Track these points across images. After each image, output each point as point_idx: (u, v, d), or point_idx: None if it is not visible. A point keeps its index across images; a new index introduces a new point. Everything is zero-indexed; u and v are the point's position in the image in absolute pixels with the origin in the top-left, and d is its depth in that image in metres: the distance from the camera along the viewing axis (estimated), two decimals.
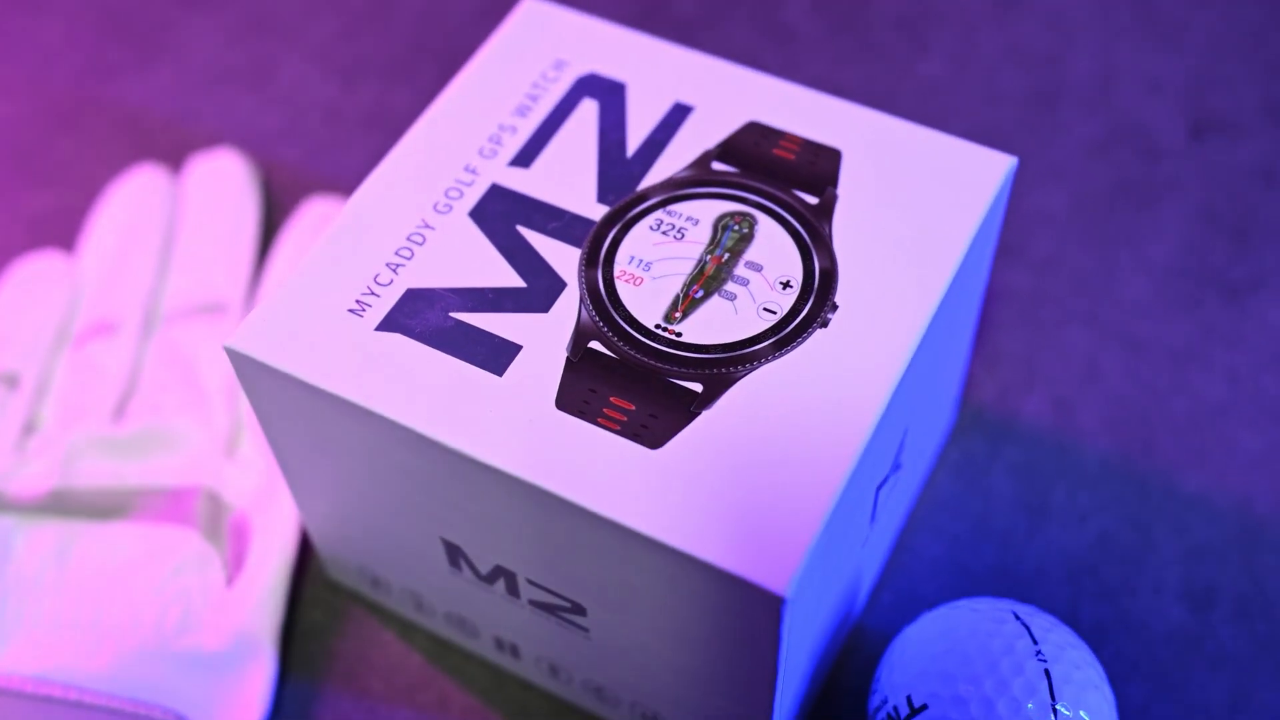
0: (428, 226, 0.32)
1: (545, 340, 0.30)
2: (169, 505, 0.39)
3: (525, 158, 0.33)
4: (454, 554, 0.33)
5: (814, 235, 0.31)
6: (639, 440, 0.28)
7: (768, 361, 0.29)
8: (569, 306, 0.30)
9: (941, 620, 0.32)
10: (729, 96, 0.34)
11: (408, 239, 0.32)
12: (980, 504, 0.39)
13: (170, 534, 0.38)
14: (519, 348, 0.30)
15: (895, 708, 0.32)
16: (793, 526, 0.27)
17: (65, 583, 0.37)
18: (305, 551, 0.39)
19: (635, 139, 0.33)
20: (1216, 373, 0.42)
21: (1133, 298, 0.44)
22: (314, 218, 0.45)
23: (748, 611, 0.27)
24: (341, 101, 0.50)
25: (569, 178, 0.33)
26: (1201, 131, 0.48)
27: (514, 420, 0.29)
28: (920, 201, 0.32)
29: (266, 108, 0.50)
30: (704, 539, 0.27)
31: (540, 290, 0.31)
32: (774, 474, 0.28)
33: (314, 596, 0.38)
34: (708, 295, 0.30)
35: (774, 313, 0.30)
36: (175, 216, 0.45)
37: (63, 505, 0.39)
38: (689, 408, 0.29)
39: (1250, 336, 0.43)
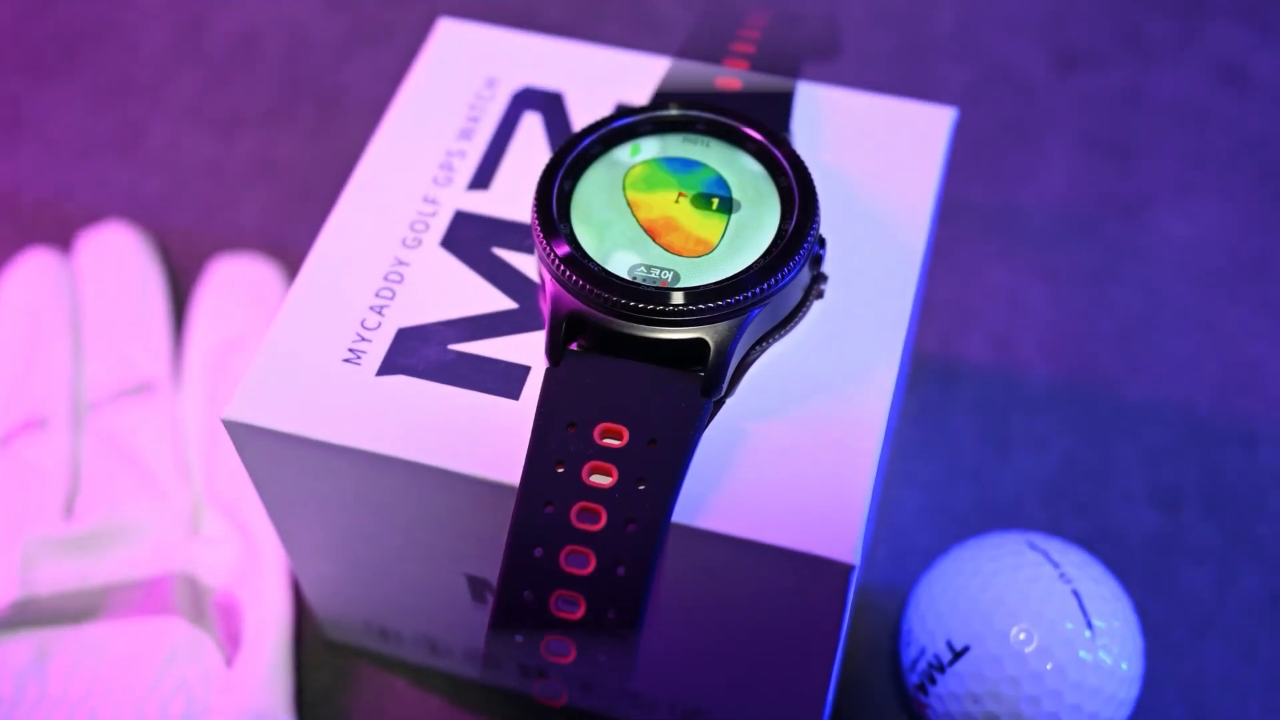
0: (402, 264, 0.31)
1: None
2: (144, 597, 0.37)
3: (482, 179, 0.33)
4: (479, 588, 0.32)
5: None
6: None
7: (775, 341, 0.30)
8: None
9: (961, 562, 0.33)
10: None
11: (385, 279, 0.31)
12: (947, 447, 0.41)
13: (152, 625, 0.36)
14: (528, 368, 0.29)
15: (936, 655, 0.33)
16: (843, 495, 0.27)
17: (48, 698, 0.35)
18: (298, 618, 0.38)
19: None
20: (1132, 286, 0.44)
21: (1039, 229, 0.46)
22: (225, 278, 0.43)
23: (812, 586, 0.28)
24: (222, 156, 0.48)
25: (531, 192, 0.32)
26: (1067, 64, 0.50)
27: None
28: (877, 164, 0.33)
29: (144, 173, 0.48)
30: (762, 523, 0.27)
31: (532, 307, 0.30)
32: (809, 448, 0.28)
33: (315, 660, 0.37)
34: None
35: None
36: (77, 299, 0.43)
37: (29, 617, 0.36)
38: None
39: (1153, 248, 0.45)
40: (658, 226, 0.29)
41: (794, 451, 0.28)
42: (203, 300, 0.43)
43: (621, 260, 0.29)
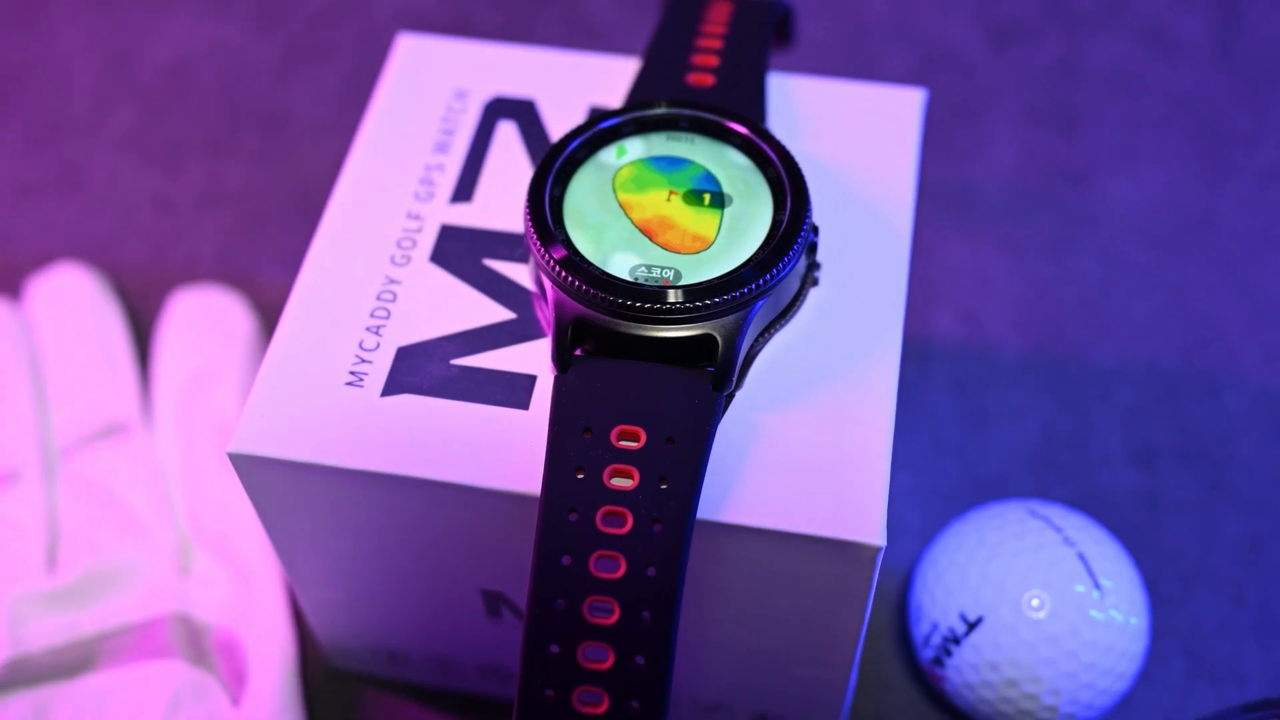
0: (393, 282, 0.31)
1: None
2: (140, 642, 0.36)
3: (464, 192, 0.32)
4: (494, 602, 0.32)
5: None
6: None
7: (777, 330, 0.30)
8: None
9: (964, 535, 0.34)
10: None
11: (378, 299, 0.31)
12: (928, 426, 0.41)
13: (152, 670, 0.35)
14: (534, 377, 0.29)
15: (950, 629, 0.33)
16: (863, 477, 0.28)
17: None
18: (300, 648, 0.37)
19: None
20: (1089, 253, 0.45)
21: (994, 204, 0.46)
22: (187, 312, 0.43)
23: (839, 571, 0.28)
24: (168, 188, 0.47)
25: (516, 202, 0.32)
26: (1001, 40, 0.51)
27: None
28: (855, 150, 0.33)
29: (90, 212, 0.47)
30: (786, 512, 0.27)
31: (530, 316, 0.30)
32: (823, 433, 0.28)
33: (320, 690, 0.37)
34: None
35: None
36: (34, 345, 0.42)
37: (23, 676, 0.35)
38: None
39: (1103, 215, 0.46)
40: (653, 226, 0.29)
41: (809, 438, 0.28)
42: (166, 336, 0.42)
43: (621, 262, 0.29)
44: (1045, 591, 0.32)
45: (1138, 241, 0.45)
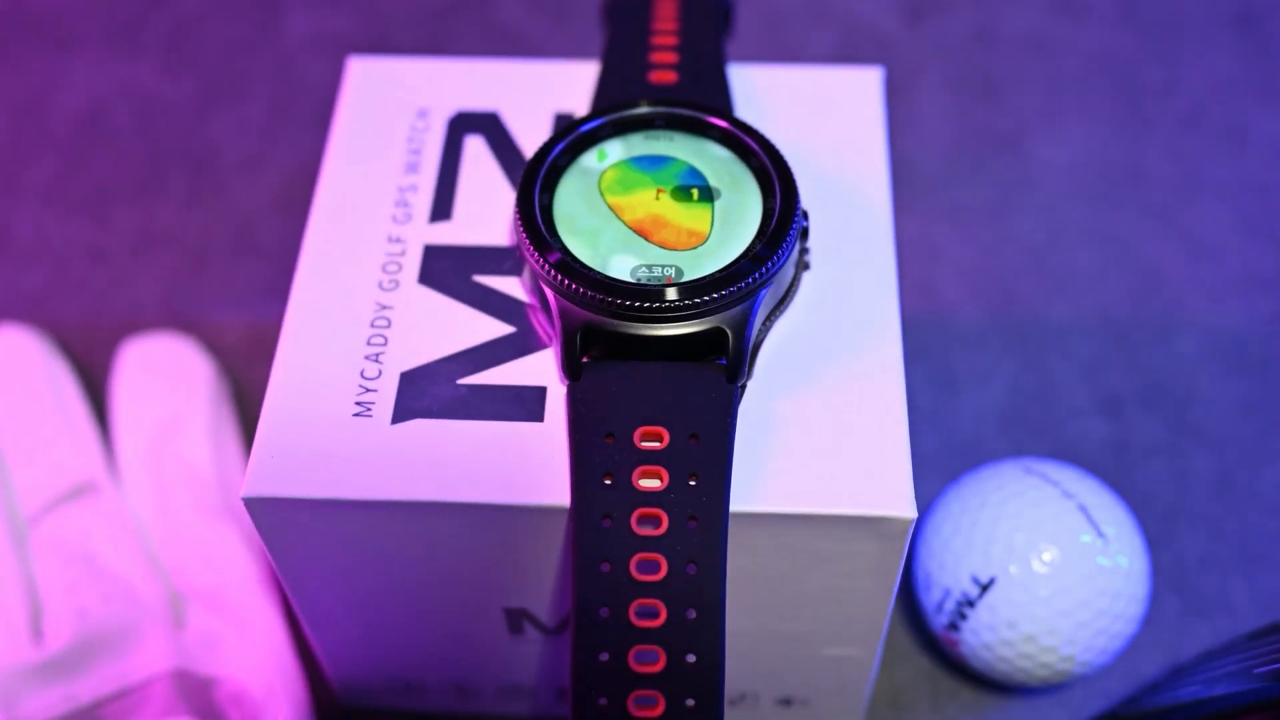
0: (385, 308, 0.30)
1: None
2: (141, 703, 0.35)
3: (443, 210, 0.32)
4: (516, 620, 0.31)
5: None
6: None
7: (778, 317, 0.30)
8: None
9: (964, 499, 0.35)
10: None
11: (372, 326, 0.30)
12: None
13: None
14: (543, 389, 0.29)
15: (963, 593, 0.34)
16: (885, 451, 0.28)
17: None
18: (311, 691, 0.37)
19: None
20: (1029, 214, 0.46)
21: (932, 175, 0.47)
22: (139, 361, 0.41)
23: (870, 548, 0.28)
24: (99, 237, 0.46)
25: (496, 215, 0.32)
26: (916, 14, 0.52)
27: None
28: (824, 133, 0.33)
29: (21, 269, 0.45)
30: (815, 495, 0.28)
31: (529, 329, 0.30)
32: (839, 413, 0.29)
33: None
34: None
35: None
36: None
37: None
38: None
39: (1035, 173, 0.47)
40: (646, 226, 0.29)
41: (826, 420, 0.29)
42: (122, 388, 0.41)
43: (621, 264, 0.29)
44: (1053, 545, 0.33)
45: (1073, 198, 0.47)
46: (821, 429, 0.28)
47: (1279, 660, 0.30)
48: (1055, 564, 0.33)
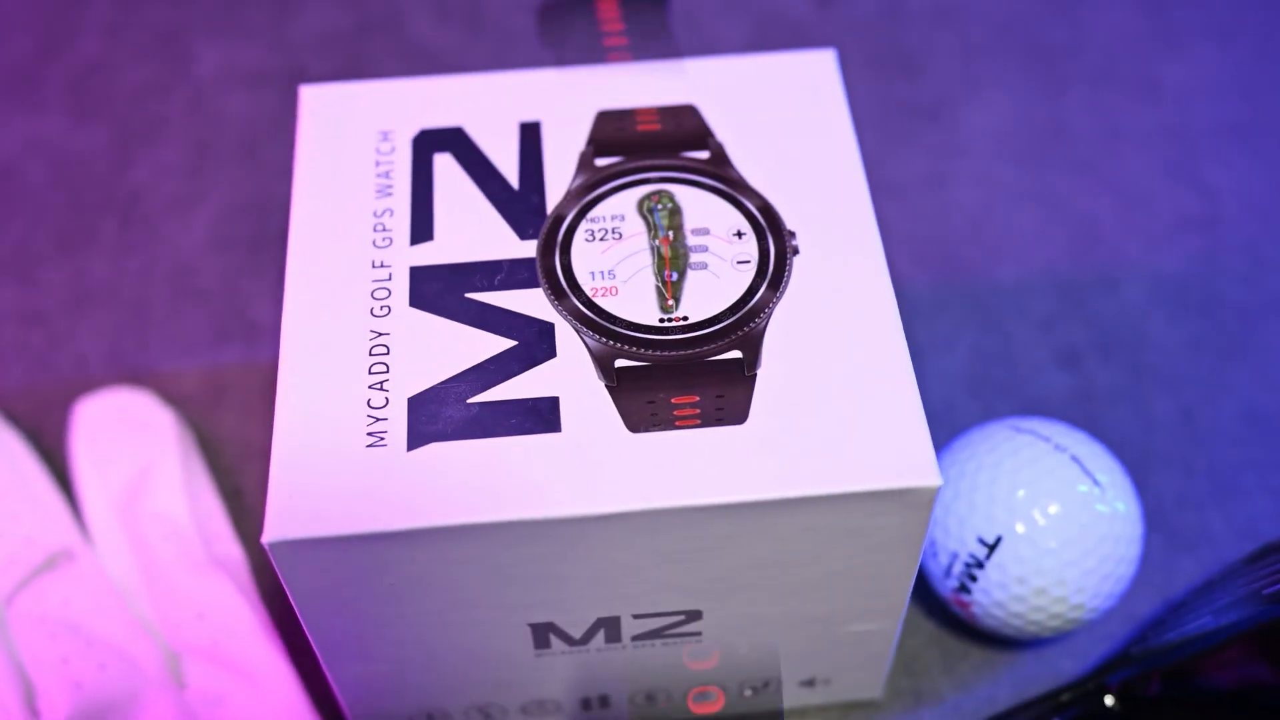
0: (381, 334, 0.30)
1: (574, 380, 0.29)
2: None
3: (423, 232, 0.32)
4: (542, 635, 0.31)
5: (729, 182, 0.32)
6: (724, 422, 0.28)
7: (776, 303, 0.30)
8: (570, 342, 0.30)
9: (960, 464, 0.35)
10: (560, 99, 0.34)
11: (371, 354, 0.30)
12: None
13: None
14: (556, 399, 0.29)
15: (971, 555, 0.34)
16: (902, 423, 0.28)
17: None
18: None
19: (510, 170, 0.33)
20: (962, 181, 0.47)
21: (866, 152, 0.48)
22: (94, 419, 0.40)
23: (897, 519, 0.29)
24: (33, 298, 0.44)
25: (479, 231, 0.32)
26: None
27: (606, 462, 0.28)
28: (790, 118, 0.34)
29: None
30: (842, 474, 0.28)
31: (533, 340, 0.30)
32: (851, 391, 0.29)
33: None
34: (682, 274, 0.31)
35: (748, 261, 0.31)
36: None
37: None
38: (744, 373, 0.29)
39: (964, 141, 0.48)
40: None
41: (839, 400, 0.29)
42: (81, 449, 0.39)
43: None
44: (1054, 498, 0.33)
45: (1003, 161, 0.48)
46: (836, 409, 0.29)
47: None
48: (1058, 516, 0.33)
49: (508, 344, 0.30)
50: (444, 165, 0.33)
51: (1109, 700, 0.33)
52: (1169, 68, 0.50)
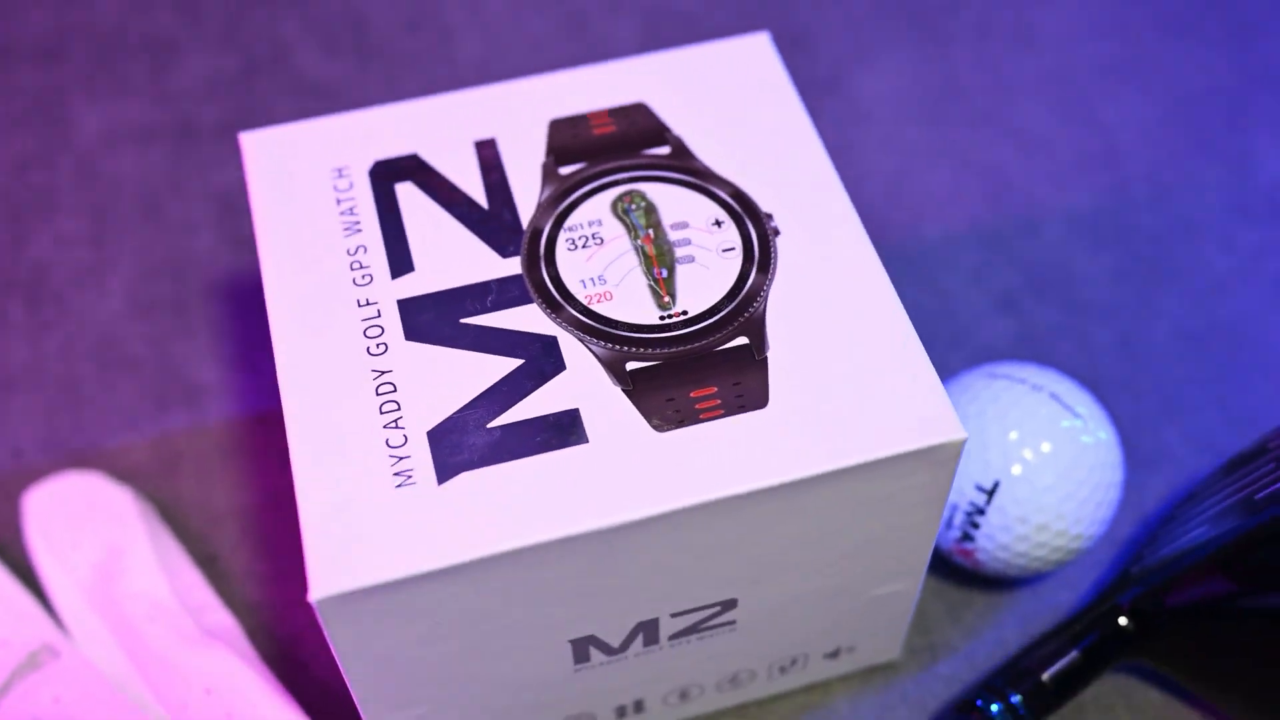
0: (384, 372, 0.29)
1: (590, 390, 0.29)
2: None
3: (402, 264, 0.31)
4: (582, 649, 0.31)
5: (697, 174, 0.32)
6: (747, 409, 0.29)
7: (769, 285, 0.31)
8: (576, 352, 0.29)
9: None
10: (509, 113, 0.34)
11: (378, 394, 0.29)
12: None
13: None
14: (576, 411, 0.29)
15: (970, 503, 0.35)
16: (916, 382, 0.29)
17: None
18: None
19: (475, 190, 0.32)
20: (871, 147, 0.48)
21: None
22: (52, 508, 0.38)
23: (924, 478, 0.29)
24: None
25: (459, 254, 0.31)
26: None
27: (639, 466, 0.28)
28: (738, 104, 0.34)
29: None
30: (869, 442, 0.28)
31: (539, 355, 0.30)
32: (859, 359, 0.29)
33: None
34: (672, 270, 0.31)
35: (733, 249, 0.31)
36: None
37: None
38: (754, 358, 0.29)
39: (865, 109, 0.49)
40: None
41: (850, 371, 0.29)
42: (39, 540, 0.38)
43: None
44: (1043, 437, 0.35)
45: (906, 123, 0.49)
46: (852, 380, 0.29)
47: (1274, 483, 0.33)
48: (1050, 453, 0.34)
49: (514, 363, 0.29)
50: (407, 194, 0.32)
51: (1123, 620, 0.34)
52: (1043, 17, 0.52)
